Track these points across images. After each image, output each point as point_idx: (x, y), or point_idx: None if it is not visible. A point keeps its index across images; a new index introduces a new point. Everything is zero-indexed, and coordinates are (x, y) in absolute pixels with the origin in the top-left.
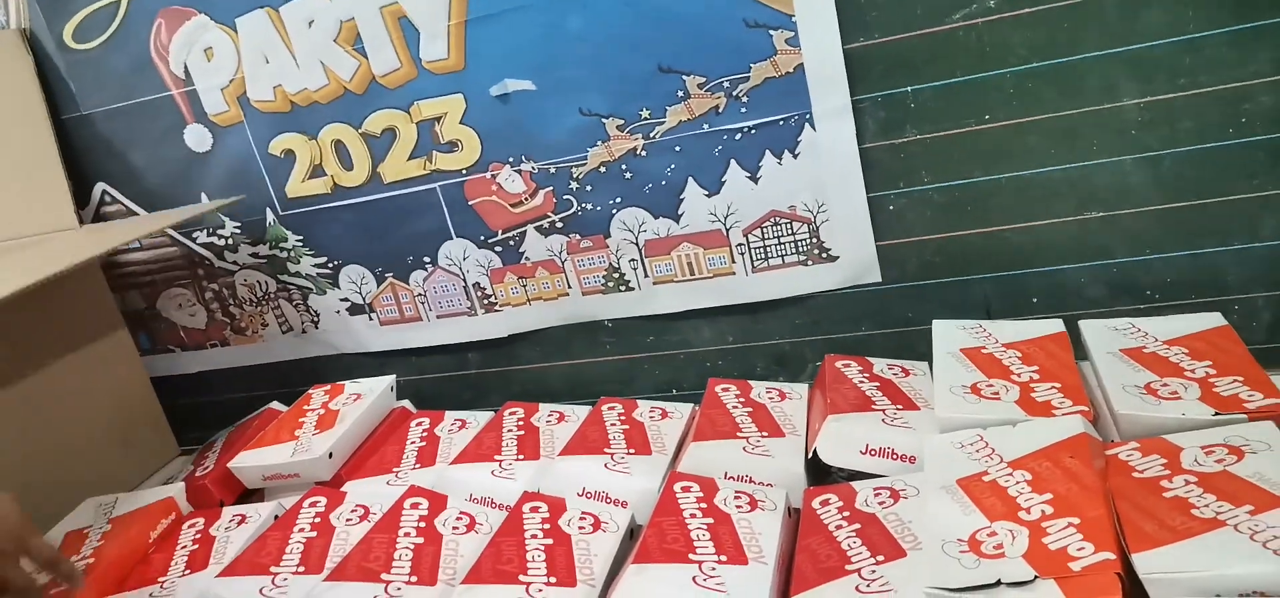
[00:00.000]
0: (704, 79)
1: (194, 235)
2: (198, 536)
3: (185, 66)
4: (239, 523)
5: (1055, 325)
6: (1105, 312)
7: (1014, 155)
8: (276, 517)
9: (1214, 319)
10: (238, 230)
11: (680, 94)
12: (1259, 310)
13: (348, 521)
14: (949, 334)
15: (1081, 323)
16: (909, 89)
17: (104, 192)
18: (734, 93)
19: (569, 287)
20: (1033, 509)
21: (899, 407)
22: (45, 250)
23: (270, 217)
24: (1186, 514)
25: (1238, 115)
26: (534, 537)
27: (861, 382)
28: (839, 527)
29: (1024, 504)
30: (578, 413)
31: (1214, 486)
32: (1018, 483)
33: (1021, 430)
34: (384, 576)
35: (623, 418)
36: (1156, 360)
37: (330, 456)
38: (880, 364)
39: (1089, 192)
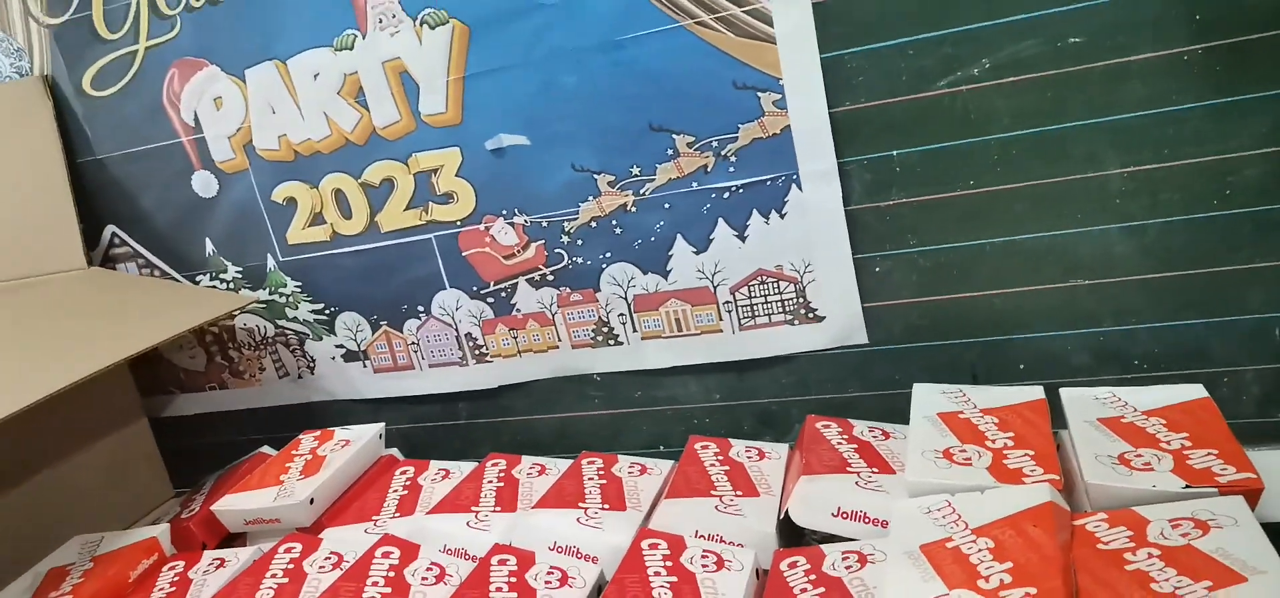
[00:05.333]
0: (693, 138)
1: (197, 279)
2: (176, 578)
3: (195, 115)
4: (218, 567)
5: (1035, 392)
6: (1091, 380)
7: (999, 221)
8: (256, 561)
9: (1195, 391)
10: (239, 275)
11: (670, 152)
12: (1247, 384)
13: (321, 568)
14: (928, 398)
15: (1062, 391)
16: (895, 153)
17: (114, 234)
18: (722, 152)
19: (559, 339)
20: (992, 578)
21: (875, 470)
22: (76, 314)
23: (271, 262)
24: (1145, 589)
25: (1223, 188)
26: (499, 590)
27: (840, 443)
28: (804, 590)
29: (984, 573)
30: (560, 466)
31: (1176, 560)
32: (980, 551)
33: (989, 497)
34: None
35: (601, 472)
36: (1133, 431)
37: (311, 501)
38: (861, 426)
39: (1074, 260)
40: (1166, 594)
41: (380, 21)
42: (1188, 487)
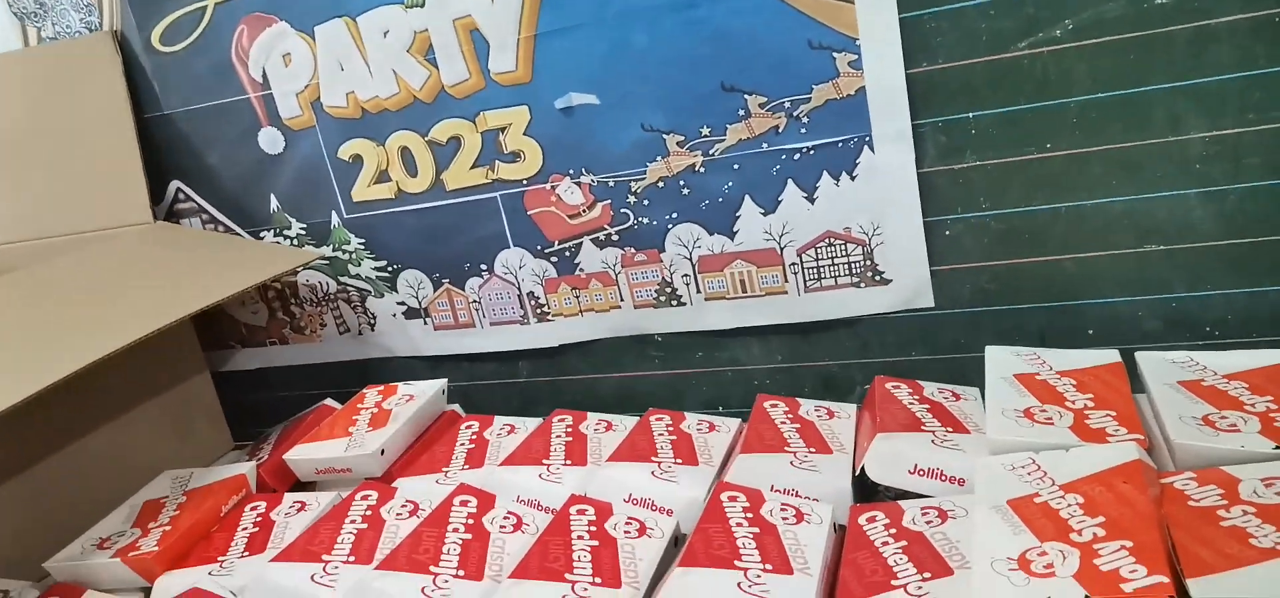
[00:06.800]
0: (765, 99)
1: (260, 235)
2: (259, 518)
3: (264, 71)
4: (299, 510)
5: (1111, 355)
6: (1164, 346)
7: (1074, 185)
8: (334, 507)
9: (1276, 356)
10: (303, 231)
11: (741, 113)
12: None
13: (398, 515)
14: (1002, 360)
15: (1138, 354)
16: (970, 115)
17: (178, 189)
18: (795, 113)
19: (621, 299)
20: (1084, 531)
21: (949, 429)
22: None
23: (335, 219)
24: (1244, 544)
25: None
26: (580, 538)
27: (911, 403)
28: (885, 543)
29: (1076, 526)
30: (625, 423)
31: (1274, 517)
32: (1070, 506)
33: (1074, 455)
34: (433, 568)
35: (670, 429)
36: (1215, 393)
37: (382, 453)
38: (930, 388)
39: (1150, 224)
40: (1267, 549)
41: None
42: (1278, 447)
